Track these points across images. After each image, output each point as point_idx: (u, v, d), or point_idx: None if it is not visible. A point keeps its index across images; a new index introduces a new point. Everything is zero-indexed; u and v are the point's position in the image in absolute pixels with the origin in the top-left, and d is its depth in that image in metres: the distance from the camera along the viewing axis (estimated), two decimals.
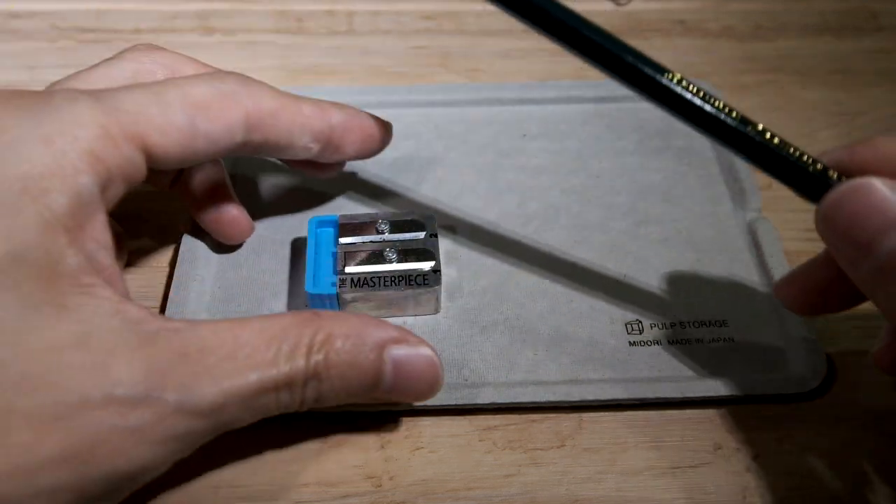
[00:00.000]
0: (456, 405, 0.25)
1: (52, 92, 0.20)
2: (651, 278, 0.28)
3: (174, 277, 0.28)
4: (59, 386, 0.17)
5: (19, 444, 0.17)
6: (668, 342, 0.26)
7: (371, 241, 0.27)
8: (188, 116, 0.22)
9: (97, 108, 0.20)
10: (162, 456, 0.19)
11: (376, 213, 0.28)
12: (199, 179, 0.27)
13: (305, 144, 0.25)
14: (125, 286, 0.21)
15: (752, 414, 0.25)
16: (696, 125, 0.21)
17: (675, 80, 0.21)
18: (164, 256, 0.29)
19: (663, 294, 0.28)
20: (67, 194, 0.19)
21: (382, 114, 0.33)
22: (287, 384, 0.20)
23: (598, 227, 0.30)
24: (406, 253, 0.27)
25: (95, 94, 0.20)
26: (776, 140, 0.21)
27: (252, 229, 0.29)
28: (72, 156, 0.19)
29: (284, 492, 0.23)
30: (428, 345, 0.22)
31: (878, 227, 0.19)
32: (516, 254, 0.29)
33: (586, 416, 0.25)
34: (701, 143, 0.33)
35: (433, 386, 0.23)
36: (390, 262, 0.26)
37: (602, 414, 0.25)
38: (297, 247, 0.29)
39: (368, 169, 0.32)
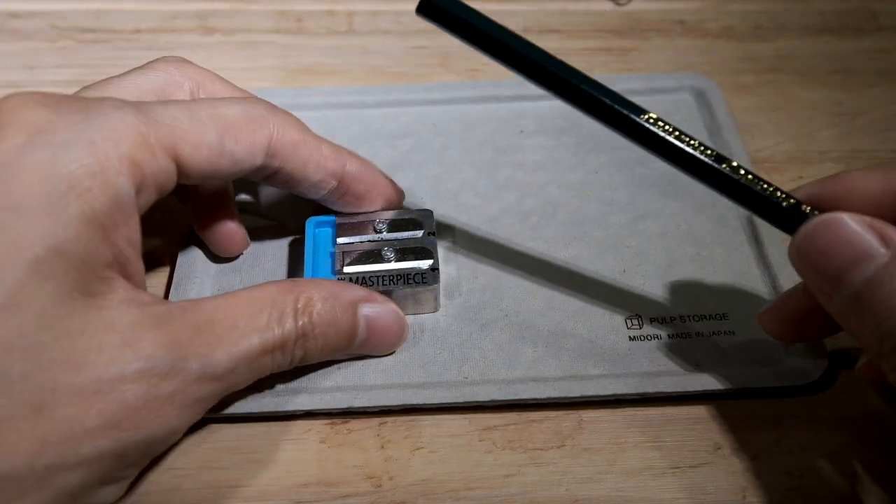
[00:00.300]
0: (457, 403, 0.25)
1: (102, 100, 0.22)
2: (651, 273, 0.28)
3: (173, 280, 0.28)
4: (97, 363, 0.19)
5: (65, 418, 0.19)
6: (669, 336, 0.26)
7: (369, 241, 0.27)
8: (218, 135, 0.23)
9: (138, 118, 0.21)
10: (188, 418, 0.21)
11: (374, 213, 0.28)
12: (206, 192, 0.28)
13: (318, 181, 0.26)
14: (144, 279, 0.23)
15: (751, 414, 0.25)
16: (674, 163, 0.22)
17: (652, 122, 0.22)
18: (164, 257, 0.29)
19: (663, 288, 0.28)
20: (107, 194, 0.20)
21: (378, 113, 0.33)
22: (281, 345, 0.22)
23: (596, 222, 0.30)
24: (404, 252, 0.27)
25: (137, 105, 0.22)
26: (749, 176, 0.22)
27: (247, 244, 0.29)
28: (113, 159, 0.20)
29: (284, 492, 0.23)
30: (392, 301, 0.25)
31: (847, 260, 0.20)
32: (515, 250, 0.29)
33: (586, 415, 0.25)
34: (699, 136, 0.33)
35: (399, 337, 0.26)
36: (388, 261, 0.26)
37: (602, 414, 0.25)
38: (296, 248, 0.29)
39: None
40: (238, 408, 0.24)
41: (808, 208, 0.22)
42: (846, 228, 0.20)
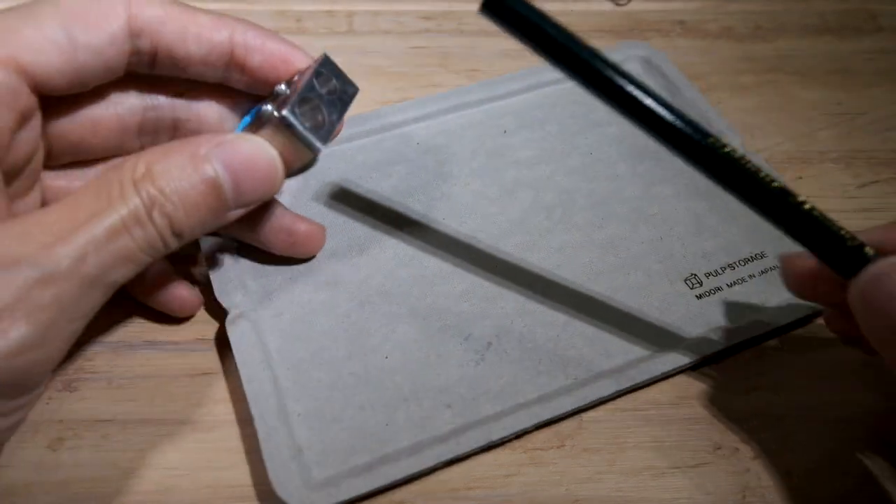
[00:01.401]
0: (586, 403, 0.25)
1: None
2: (683, 232, 0.29)
3: (239, 368, 0.25)
4: None
5: None
6: (727, 286, 0.28)
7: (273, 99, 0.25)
8: (63, 27, 0.21)
9: None
10: (43, 328, 0.19)
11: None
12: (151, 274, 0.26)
13: (205, 57, 0.24)
14: (9, 216, 0.21)
15: (752, 413, 0.25)
16: (737, 193, 0.21)
17: (720, 147, 0.21)
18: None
19: (701, 244, 0.29)
20: None
21: (360, 144, 0.32)
22: (134, 220, 0.20)
23: (614, 198, 0.30)
24: (277, 103, 0.24)
25: None
26: (815, 212, 0.21)
27: (200, 304, 0.27)
28: None
29: None
30: (247, 135, 0.22)
31: None
32: (555, 244, 0.29)
33: (586, 415, 0.25)
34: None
35: (271, 168, 0.23)
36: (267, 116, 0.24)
37: (602, 414, 0.25)
38: None
39: (377, 201, 0.30)
40: (375, 482, 0.23)
41: (872, 250, 0.20)
42: None
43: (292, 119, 0.23)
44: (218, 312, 0.27)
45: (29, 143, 0.22)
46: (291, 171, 0.24)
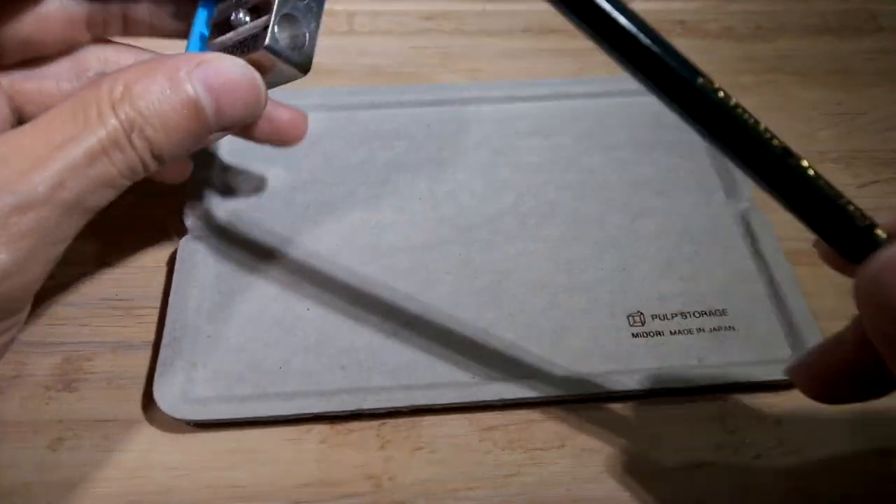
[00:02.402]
0: (464, 403, 0.25)
1: None
2: (650, 271, 0.28)
3: (173, 283, 0.27)
4: None
5: None
6: (671, 333, 0.27)
7: (231, 5, 0.24)
8: None
9: None
10: (23, 254, 0.19)
11: None
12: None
13: None
14: None
15: (753, 414, 0.25)
16: (728, 148, 0.19)
17: (712, 91, 0.19)
18: (162, 255, 0.29)
19: (663, 286, 0.28)
20: None
21: (374, 115, 0.34)
22: (112, 144, 0.19)
23: (594, 221, 0.30)
24: (253, 11, 0.23)
25: None
26: (821, 181, 0.18)
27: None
28: None
29: (284, 492, 0.23)
30: (226, 56, 0.22)
31: None
32: (515, 251, 0.29)
33: (587, 415, 0.25)
34: (691, 136, 0.32)
35: (253, 89, 0.22)
36: (239, 24, 0.23)
37: (602, 413, 0.25)
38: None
39: (362, 169, 0.32)
40: (243, 412, 0.24)
41: (884, 233, 0.18)
42: None
43: (277, 46, 0.22)
44: None
45: None
46: (274, 86, 0.23)
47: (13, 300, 0.20)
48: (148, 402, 0.25)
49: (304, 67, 0.23)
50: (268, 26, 0.22)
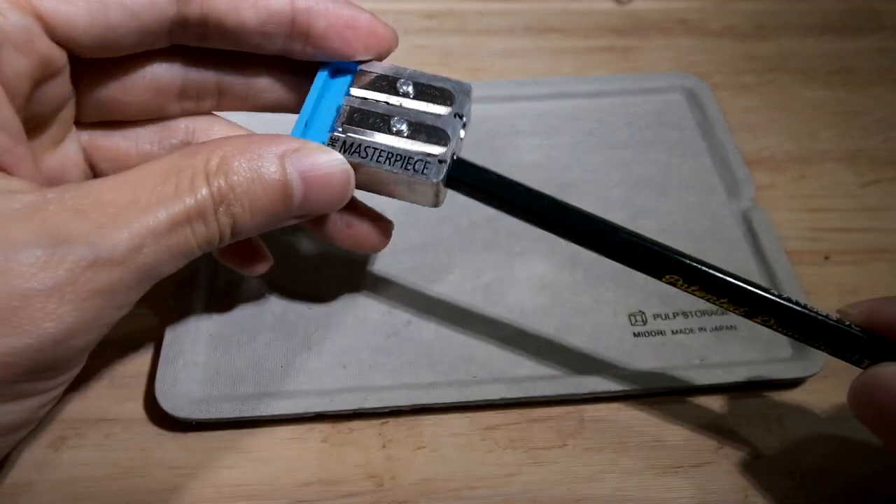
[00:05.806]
0: (466, 402, 0.25)
1: None
2: None
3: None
4: None
5: None
6: (672, 332, 0.27)
7: (386, 103, 0.23)
8: None
9: None
10: (90, 314, 0.18)
11: (404, 70, 0.24)
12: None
13: (262, 27, 0.21)
14: (35, 168, 0.20)
15: (754, 413, 0.25)
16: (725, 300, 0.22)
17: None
18: None
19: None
20: None
21: None
22: (197, 214, 0.19)
23: None
24: (418, 128, 0.22)
25: None
26: (827, 317, 0.21)
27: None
28: None
29: (285, 491, 0.23)
30: (327, 148, 0.21)
31: None
32: (517, 249, 0.29)
33: (588, 415, 0.25)
34: (692, 135, 0.33)
35: (345, 188, 0.22)
36: (397, 133, 0.22)
37: (603, 413, 0.25)
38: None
39: None
40: (244, 411, 0.24)
41: (856, 328, 0.21)
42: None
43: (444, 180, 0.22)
44: None
45: (56, 96, 0.21)
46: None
47: (71, 361, 0.19)
48: (150, 401, 0.25)
49: (439, 202, 0.23)
50: (444, 160, 0.21)
